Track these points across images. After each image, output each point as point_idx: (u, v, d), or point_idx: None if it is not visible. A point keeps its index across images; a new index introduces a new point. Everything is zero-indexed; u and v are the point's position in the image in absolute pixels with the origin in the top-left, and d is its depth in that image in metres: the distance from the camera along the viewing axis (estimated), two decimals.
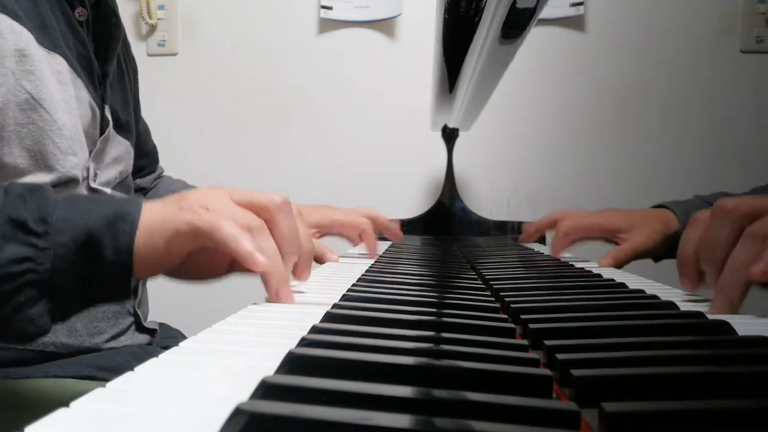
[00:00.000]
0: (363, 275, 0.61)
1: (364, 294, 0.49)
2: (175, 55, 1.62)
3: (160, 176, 1.10)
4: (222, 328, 0.39)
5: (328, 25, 1.59)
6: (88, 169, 0.73)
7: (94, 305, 0.49)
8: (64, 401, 0.23)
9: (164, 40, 1.61)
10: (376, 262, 0.79)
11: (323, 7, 1.57)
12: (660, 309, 0.46)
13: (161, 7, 1.61)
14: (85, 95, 0.71)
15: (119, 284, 0.47)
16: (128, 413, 0.23)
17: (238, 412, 0.21)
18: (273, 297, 0.47)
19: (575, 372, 0.27)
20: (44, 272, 0.44)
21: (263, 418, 0.21)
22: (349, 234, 0.96)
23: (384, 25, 1.58)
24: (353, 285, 0.54)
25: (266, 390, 0.24)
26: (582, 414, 0.23)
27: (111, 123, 0.77)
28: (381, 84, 1.59)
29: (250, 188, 0.51)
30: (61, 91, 0.67)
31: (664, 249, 0.88)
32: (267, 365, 0.28)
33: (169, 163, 1.11)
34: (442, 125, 1.35)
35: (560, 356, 0.30)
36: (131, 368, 0.28)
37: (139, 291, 0.81)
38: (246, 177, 1.60)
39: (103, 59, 0.76)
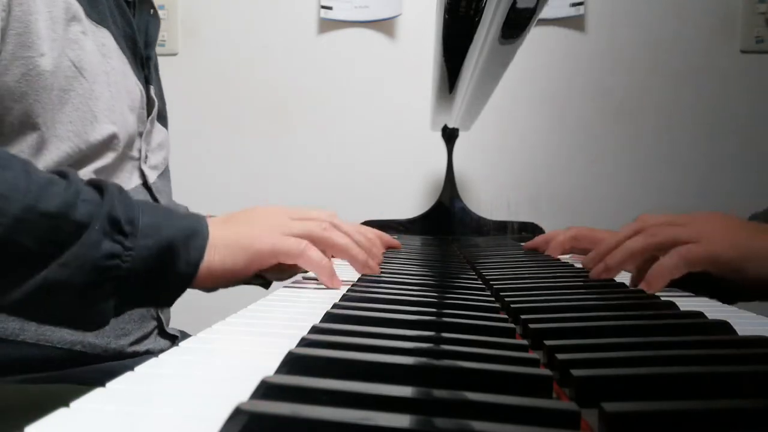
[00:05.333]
0: (363, 275, 0.61)
1: (364, 294, 0.49)
2: (175, 55, 1.62)
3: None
4: (222, 328, 0.39)
5: (328, 25, 1.59)
6: (140, 150, 0.76)
7: (141, 306, 0.53)
8: None
9: (164, 40, 1.61)
10: None
11: (323, 7, 1.57)
12: (660, 309, 0.46)
13: (161, 7, 1.61)
14: (130, 72, 0.73)
15: (174, 293, 0.51)
16: (128, 413, 0.23)
17: (238, 412, 0.21)
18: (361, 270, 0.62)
19: (575, 372, 0.27)
20: (125, 271, 0.46)
21: (263, 418, 0.21)
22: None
23: (384, 25, 1.58)
24: (353, 285, 0.54)
25: (266, 390, 0.24)
26: (582, 414, 0.23)
27: (156, 104, 0.79)
28: (381, 84, 1.59)
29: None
30: (103, 63, 0.68)
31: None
32: (267, 365, 0.28)
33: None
34: (442, 125, 1.35)
35: (560, 356, 0.30)
36: None
37: None
38: (246, 177, 1.60)
39: (145, 43, 0.78)
